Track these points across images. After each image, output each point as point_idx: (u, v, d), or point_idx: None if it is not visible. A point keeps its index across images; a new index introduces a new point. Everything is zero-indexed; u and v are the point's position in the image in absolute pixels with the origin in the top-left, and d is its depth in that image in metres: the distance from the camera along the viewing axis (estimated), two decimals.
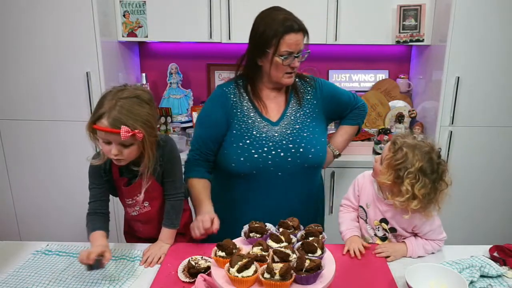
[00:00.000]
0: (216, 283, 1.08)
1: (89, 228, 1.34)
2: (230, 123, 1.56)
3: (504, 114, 2.39)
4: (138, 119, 1.23)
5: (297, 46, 1.47)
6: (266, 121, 1.57)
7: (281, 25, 1.45)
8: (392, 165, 1.28)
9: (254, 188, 1.56)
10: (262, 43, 1.49)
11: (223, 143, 1.58)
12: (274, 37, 1.46)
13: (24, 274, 1.28)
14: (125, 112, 1.21)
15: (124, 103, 1.22)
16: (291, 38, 1.45)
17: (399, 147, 1.29)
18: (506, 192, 2.51)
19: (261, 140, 1.54)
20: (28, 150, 2.49)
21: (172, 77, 2.82)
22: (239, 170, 1.54)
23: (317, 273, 1.05)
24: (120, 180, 1.40)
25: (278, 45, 1.46)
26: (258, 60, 1.54)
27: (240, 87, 1.61)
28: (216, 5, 2.45)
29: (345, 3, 2.43)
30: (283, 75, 1.52)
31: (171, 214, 1.43)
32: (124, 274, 1.28)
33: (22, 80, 2.39)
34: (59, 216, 2.54)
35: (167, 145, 1.40)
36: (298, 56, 1.49)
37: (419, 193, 1.25)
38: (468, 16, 2.25)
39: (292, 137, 1.55)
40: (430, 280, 1.17)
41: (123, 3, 2.48)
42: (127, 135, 1.20)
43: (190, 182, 1.58)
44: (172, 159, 1.41)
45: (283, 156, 1.53)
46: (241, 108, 1.58)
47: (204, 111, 1.64)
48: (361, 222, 1.47)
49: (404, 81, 2.82)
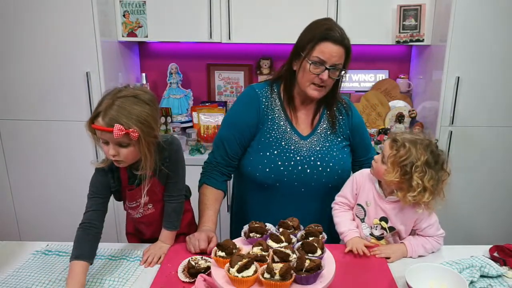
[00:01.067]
0: (216, 283, 1.08)
1: (74, 249, 1.23)
2: (260, 129, 1.52)
3: (504, 114, 2.39)
4: (133, 117, 1.20)
5: (332, 57, 1.39)
6: (296, 133, 1.52)
7: (322, 31, 1.40)
8: (397, 162, 1.29)
9: (273, 200, 1.52)
10: (299, 46, 1.45)
11: (249, 148, 1.53)
12: (311, 41, 1.40)
13: (24, 274, 1.28)
14: (121, 111, 1.19)
15: (121, 102, 1.20)
16: (327, 46, 1.39)
17: (401, 144, 1.30)
18: (506, 192, 2.51)
19: (289, 153, 1.50)
20: (28, 150, 2.49)
21: (172, 77, 2.82)
22: (263, 180, 1.50)
23: (317, 273, 1.05)
24: (127, 187, 1.38)
25: (311, 50, 1.40)
26: (293, 64, 1.48)
27: (274, 92, 1.55)
28: (216, 5, 2.45)
29: (345, 3, 2.43)
30: (309, 84, 1.44)
31: (172, 216, 1.41)
32: (124, 274, 1.28)
33: (22, 80, 2.39)
34: (59, 216, 2.54)
35: (173, 146, 1.37)
36: (330, 69, 1.41)
37: (429, 185, 1.27)
38: (468, 16, 2.25)
39: (321, 154, 1.51)
40: (430, 280, 1.17)
41: (123, 3, 2.48)
42: (120, 133, 1.18)
43: (204, 188, 1.54)
44: (177, 160, 1.39)
45: (309, 173, 1.49)
46: (272, 114, 1.53)
47: (233, 112, 1.58)
48: (357, 221, 1.45)
49: (404, 81, 2.83)
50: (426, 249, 1.37)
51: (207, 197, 1.52)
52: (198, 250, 1.36)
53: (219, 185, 1.55)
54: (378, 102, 2.77)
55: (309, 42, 1.41)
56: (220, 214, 2.38)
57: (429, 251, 1.38)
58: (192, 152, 2.49)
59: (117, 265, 1.33)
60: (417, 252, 1.36)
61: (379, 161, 1.36)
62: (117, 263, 1.34)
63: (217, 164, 1.56)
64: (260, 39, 2.54)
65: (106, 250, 1.42)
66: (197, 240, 1.37)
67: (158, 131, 1.30)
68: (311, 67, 1.41)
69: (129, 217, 1.52)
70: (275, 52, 2.86)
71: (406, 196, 1.29)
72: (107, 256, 1.39)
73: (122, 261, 1.36)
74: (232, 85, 2.93)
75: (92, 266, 1.30)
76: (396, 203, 1.37)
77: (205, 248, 1.35)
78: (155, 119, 1.27)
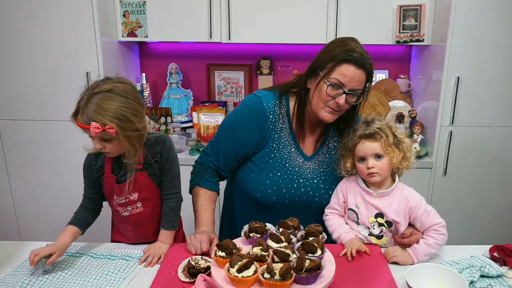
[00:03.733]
0: (216, 283, 1.08)
1: (72, 218, 1.40)
2: (264, 146, 1.45)
3: (504, 114, 2.39)
4: (108, 114, 1.21)
5: (352, 81, 1.30)
6: (300, 154, 1.47)
7: (344, 52, 1.30)
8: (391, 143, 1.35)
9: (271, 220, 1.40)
10: (318, 63, 1.35)
11: (250, 163, 1.47)
12: (331, 61, 1.31)
13: (22, 274, 1.28)
14: (96, 109, 1.21)
15: (97, 99, 1.22)
16: (349, 69, 1.30)
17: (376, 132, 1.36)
18: (506, 192, 2.51)
19: (292, 175, 1.45)
20: (28, 150, 2.49)
21: (172, 77, 2.82)
22: (263, 200, 1.45)
23: (317, 273, 1.05)
24: (111, 178, 1.37)
25: (331, 70, 1.31)
26: (308, 82, 1.39)
27: (283, 107, 1.45)
28: (216, 5, 2.45)
29: (345, 3, 2.43)
30: (324, 107, 1.35)
31: (170, 216, 1.41)
32: (124, 274, 1.28)
33: (22, 80, 2.39)
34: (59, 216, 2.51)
35: (166, 143, 1.39)
36: (348, 93, 1.32)
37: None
38: (468, 16, 2.25)
39: (324, 176, 1.47)
40: (430, 280, 1.17)
41: (123, 3, 2.48)
42: (97, 131, 1.20)
43: (198, 189, 1.50)
44: (171, 157, 1.39)
45: (311, 195, 1.46)
46: (280, 133, 1.45)
47: (235, 121, 1.48)
48: (351, 224, 1.43)
49: (404, 81, 2.83)
50: (430, 245, 1.32)
51: (202, 197, 1.48)
52: (200, 252, 1.34)
53: (212, 187, 1.51)
54: (378, 102, 2.77)
55: (329, 61, 1.32)
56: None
57: (434, 246, 1.33)
58: (192, 152, 2.49)
59: (116, 263, 1.33)
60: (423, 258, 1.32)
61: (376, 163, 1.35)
62: (117, 262, 1.34)
63: (209, 168, 1.52)
64: (260, 39, 2.54)
65: (105, 250, 1.42)
66: (199, 242, 1.35)
67: (141, 122, 1.29)
68: (329, 89, 1.32)
69: (116, 220, 1.49)
70: (275, 52, 2.86)
71: (407, 161, 1.38)
72: (106, 255, 1.38)
73: (122, 261, 1.35)
74: (232, 85, 2.93)
75: (90, 263, 1.31)
76: (385, 196, 1.37)
77: (207, 250, 1.33)
78: (135, 110, 1.26)
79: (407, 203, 1.37)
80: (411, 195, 1.39)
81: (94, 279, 1.24)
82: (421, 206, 1.37)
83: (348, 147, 1.41)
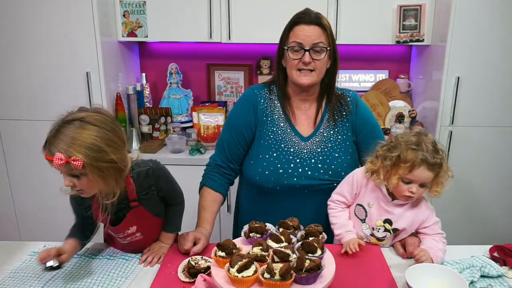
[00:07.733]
0: (216, 283, 1.08)
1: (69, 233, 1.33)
2: (259, 131, 1.50)
3: (504, 114, 2.39)
4: (75, 144, 1.07)
5: (307, 38, 1.39)
6: (297, 134, 1.49)
7: (294, 17, 1.42)
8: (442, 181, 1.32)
9: (274, 206, 1.49)
10: (280, 42, 1.46)
11: (249, 151, 1.52)
12: (286, 31, 1.43)
13: (21, 275, 1.27)
14: (62, 138, 1.08)
15: (65, 128, 1.10)
16: (300, 29, 1.40)
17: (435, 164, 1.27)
18: (506, 192, 2.51)
19: (288, 155, 1.47)
20: (28, 150, 2.49)
21: (172, 77, 2.82)
22: (263, 184, 1.47)
23: (317, 273, 1.05)
24: (104, 219, 1.26)
25: (287, 38, 1.42)
26: (282, 62, 1.49)
27: (273, 92, 1.53)
28: (216, 5, 2.45)
29: (345, 3, 2.43)
30: (296, 72, 1.43)
31: (175, 219, 1.41)
32: (124, 274, 1.28)
33: (22, 80, 2.39)
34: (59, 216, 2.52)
35: (158, 173, 1.30)
36: (309, 50, 1.39)
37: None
38: (468, 16, 2.25)
39: (322, 156, 1.47)
40: (430, 280, 1.17)
41: (123, 3, 2.48)
42: (60, 163, 1.07)
43: (203, 190, 1.52)
44: (167, 184, 1.35)
45: (310, 175, 1.46)
46: (272, 116, 1.51)
47: (232, 114, 1.58)
48: (356, 220, 1.42)
49: (404, 81, 2.83)
50: (442, 250, 1.31)
51: (205, 198, 1.50)
52: (183, 251, 1.34)
53: (217, 187, 1.52)
54: (378, 102, 2.77)
55: (285, 32, 1.44)
56: (220, 215, 2.39)
57: (443, 251, 1.32)
58: (192, 152, 2.49)
59: (116, 263, 1.33)
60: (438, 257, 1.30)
61: (419, 190, 1.30)
62: (117, 262, 1.34)
63: (216, 166, 1.55)
64: (260, 39, 2.54)
65: (105, 250, 1.42)
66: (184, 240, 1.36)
67: (117, 153, 1.14)
68: (291, 53, 1.41)
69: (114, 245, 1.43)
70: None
71: (437, 190, 1.31)
72: (106, 255, 1.38)
73: (122, 260, 1.35)
74: (232, 85, 2.93)
75: (90, 264, 1.31)
76: (401, 206, 1.36)
77: (188, 249, 1.33)
78: (108, 140, 1.12)
79: (418, 215, 1.36)
80: (424, 207, 1.37)
81: (96, 280, 1.24)
82: (431, 219, 1.37)
83: (397, 159, 1.28)
